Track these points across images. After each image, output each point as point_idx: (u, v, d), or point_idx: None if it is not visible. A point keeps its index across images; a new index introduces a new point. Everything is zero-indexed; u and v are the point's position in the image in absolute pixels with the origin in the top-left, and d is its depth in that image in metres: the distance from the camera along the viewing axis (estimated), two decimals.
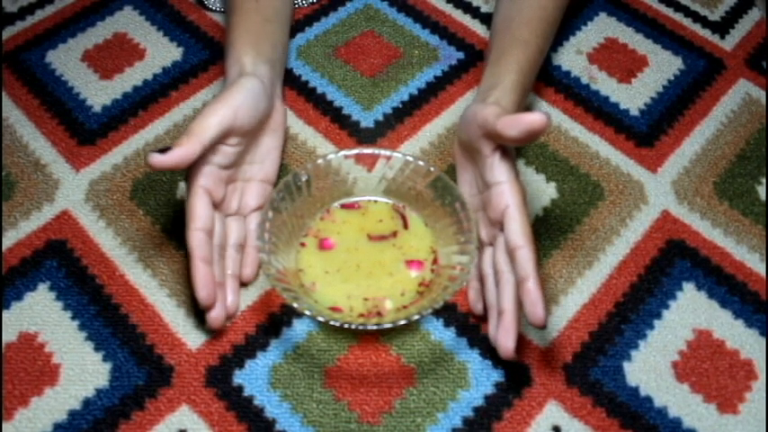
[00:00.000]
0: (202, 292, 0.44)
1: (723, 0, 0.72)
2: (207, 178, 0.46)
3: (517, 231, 0.43)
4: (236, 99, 0.47)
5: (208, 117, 0.45)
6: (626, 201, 0.56)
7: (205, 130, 0.45)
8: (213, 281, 0.45)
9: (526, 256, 0.42)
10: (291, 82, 0.62)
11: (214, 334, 0.48)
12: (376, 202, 0.52)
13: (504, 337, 0.43)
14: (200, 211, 0.45)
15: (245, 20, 0.55)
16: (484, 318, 0.48)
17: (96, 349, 0.47)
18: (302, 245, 0.49)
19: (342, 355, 0.47)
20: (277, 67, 0.55)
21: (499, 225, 0.45)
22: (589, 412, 0.46)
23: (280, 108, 0.53)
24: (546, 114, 0.41)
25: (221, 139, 0.46)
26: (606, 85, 0.63)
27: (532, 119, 0.41)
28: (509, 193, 0.44)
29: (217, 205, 0.48)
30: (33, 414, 0.45)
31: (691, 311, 0.50)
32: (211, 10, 0.68)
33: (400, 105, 0.61)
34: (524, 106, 0.55)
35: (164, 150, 0.43)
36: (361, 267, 0.48)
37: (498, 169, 0.45)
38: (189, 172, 0.46)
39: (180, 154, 0.43)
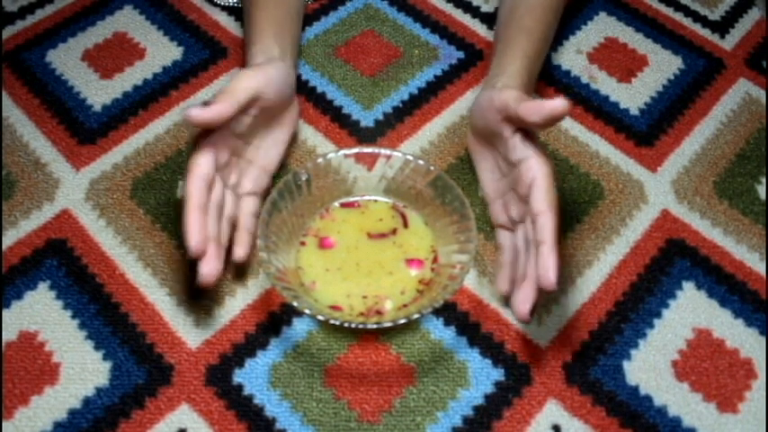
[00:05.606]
0: (193, 239, 0.42)
1: None
2: (215, 137, 0.46)
3: (540, 199, 0.44)
4: (269, 72, 0.49)
5: (242, 80, 0.47)
6: (626, 200, 0.56)
7: (239, 92, 0.46)
8: (206, 231, 0.43)
9: (545, 221, 0.43)
10: None
11: (214, 333, 0.48)
12: (376, 201, 0.52)
13: (522, 301, 0.43)
14: (204, 162, 0.45)
15: (270, 14, 0.56)
16: (508, 299, 0.48)
17: (96, 348, 0.47)
18: (302, 244, 0.49)
19: (342, 354, 0.47)
20: (296, 64, 0.57)
21: (528, 199, 0.46)
22: (589, 411, 0.46)
23: (296, 105, 0.55)
24: (566, 100, 0.42)
25: (249, 104, 0.47)
26: (606, 85, 0.63)
27: (554, 105, 0.42)
28: (536, 166, 0.45)
29: (218, 168, 0.47)
30: (33, 413, 0.45)
31: (690, 311, 0.50)
32: (220, 6, 0.68)
33: (400, 105, 0.61)
34: (532, 93, 0.55)
35: (205, 104, 0.44)
36: (361, 266, 0.48)
37: (523, 146, 0.46)
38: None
39: (219, 109, 0.44)
